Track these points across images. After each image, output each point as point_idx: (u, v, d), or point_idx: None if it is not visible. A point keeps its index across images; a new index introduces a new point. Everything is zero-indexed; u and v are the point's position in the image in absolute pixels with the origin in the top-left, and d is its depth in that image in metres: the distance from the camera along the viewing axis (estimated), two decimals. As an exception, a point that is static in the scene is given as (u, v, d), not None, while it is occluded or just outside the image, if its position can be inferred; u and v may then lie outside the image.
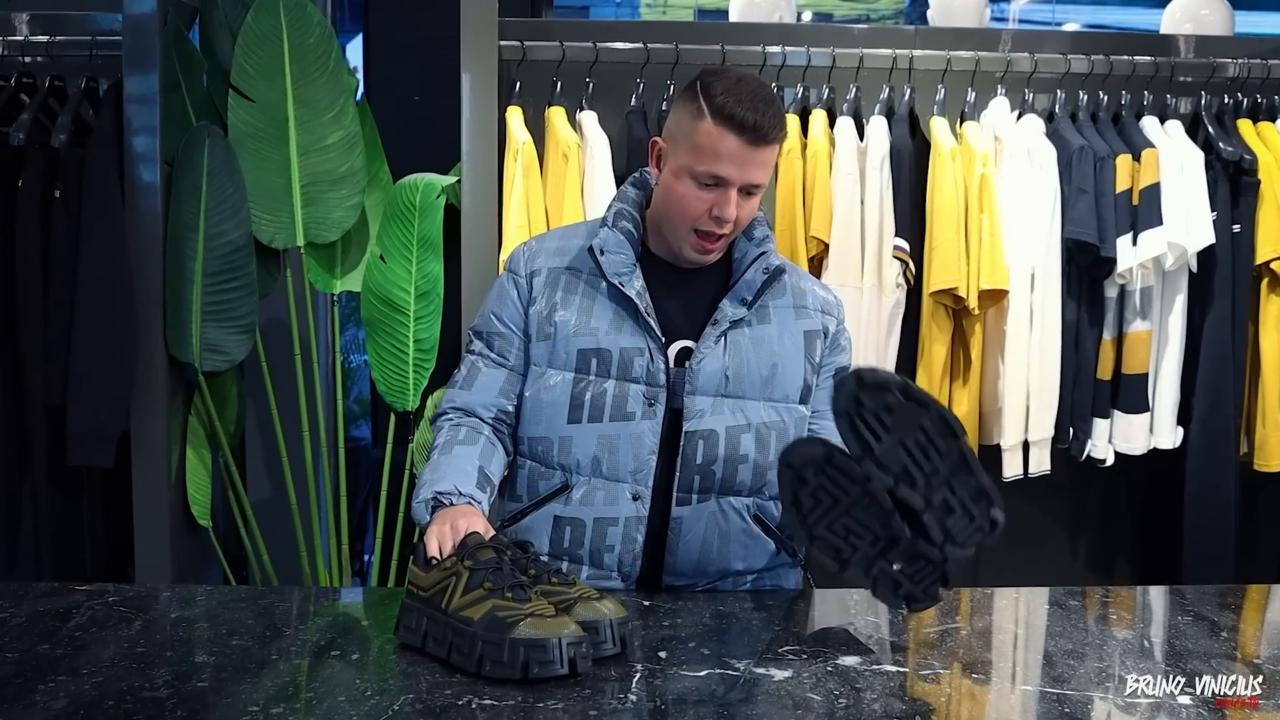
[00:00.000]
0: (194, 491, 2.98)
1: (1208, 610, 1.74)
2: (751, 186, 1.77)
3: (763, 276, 1.85)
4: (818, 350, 1.90)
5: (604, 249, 1.84)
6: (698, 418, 1.82)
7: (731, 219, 1.76)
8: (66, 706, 1.35)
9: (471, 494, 1.73)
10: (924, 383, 2.94)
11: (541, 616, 1.43)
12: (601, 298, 1.85)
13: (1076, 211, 2.91)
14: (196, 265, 2.88)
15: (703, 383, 1.82)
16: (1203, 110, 3.10)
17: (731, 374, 1.83)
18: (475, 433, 1.86)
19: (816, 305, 1.93)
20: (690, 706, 1.36)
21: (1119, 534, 3.46)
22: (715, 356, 1.83)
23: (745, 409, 1.84)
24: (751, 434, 1.84)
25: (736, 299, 1.85)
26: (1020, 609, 1.84)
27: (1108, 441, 3.08)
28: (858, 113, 3.00)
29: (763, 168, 1.76)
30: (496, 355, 1.91)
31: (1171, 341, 3.05)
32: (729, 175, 1.74)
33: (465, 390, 1.91)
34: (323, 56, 3.01)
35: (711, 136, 1.73)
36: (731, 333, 1.84)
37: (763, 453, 1.85)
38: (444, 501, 1.70)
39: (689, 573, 1.87)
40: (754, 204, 1.80)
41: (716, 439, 1.82)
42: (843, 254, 2.88)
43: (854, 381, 1.54)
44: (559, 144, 2.86)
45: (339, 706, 1.36)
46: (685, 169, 1.77)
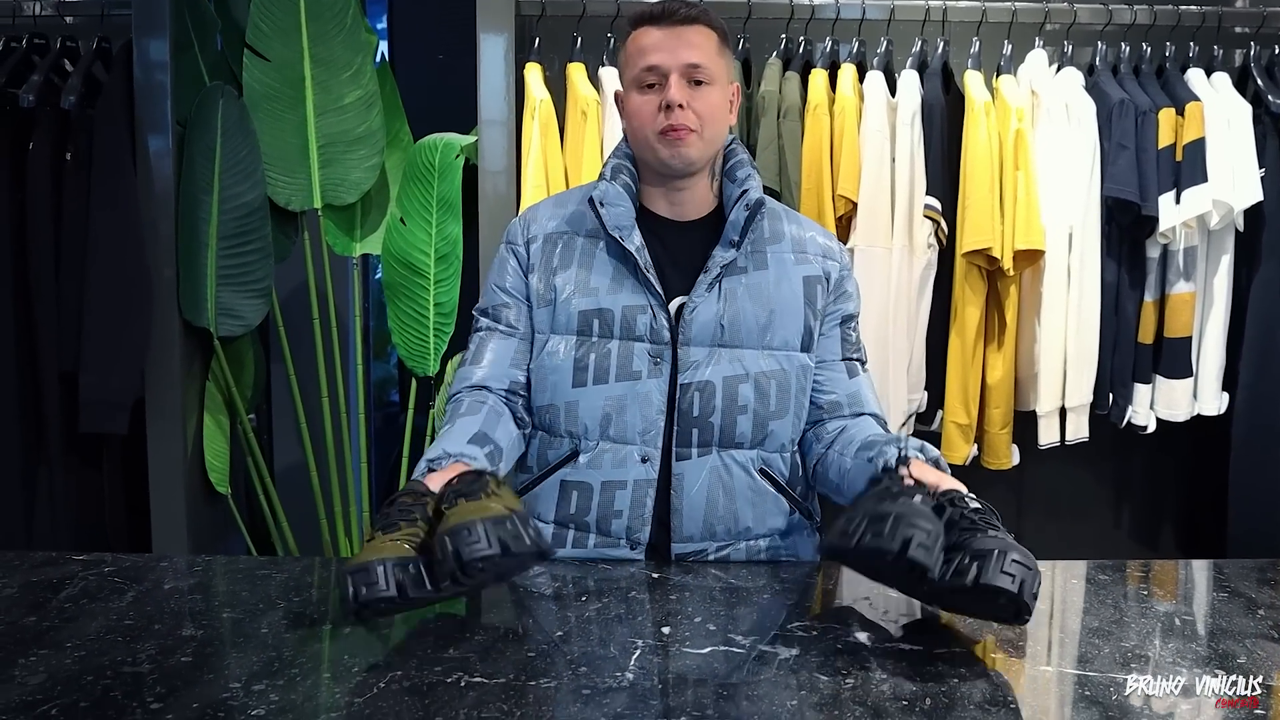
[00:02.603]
0: (212, 459, 2.95)
1: (1245, 586, 1.65)
2: (691, 70, 1.76)
3: (745, 213, 1.80)
4: (818, 296, 1.85)
5: (604, 200, 1.80)
6: (693, 369, 1.78)
7: (678, 101, 1.74)
8: (44, 681, 1.30)
9: (462, 451, 1.68)
10: (957, 347, 2.85)
11: (380, 543, 1.41)
12: (600, 256, 1.83)
13: (1117, 168, 2.80)
14: (211, 228, 2.83)
15: (697, 333, 1.79)
16: (1251, 62, 2.97)
17: (727, 322, 1.79)
18: (478, 404, 1.81)
19: (817, 251, 1.88)
20: (690, 686, 1.29)
21: (1162, 504, 3.36)
22: (709, 305, 1.79)
23: (743, 358, 1.80)
24: (750, 383, 1.79)
25: (725, 242, 1.81)
26: (1049, 584, 1.75)
27: (1149, 408, 2.98)
28: (889, 67, 2.90)
29: (691, 48, 1.76)
30: (505, 326, 1.88)
31: (1217, 304, 2.94)
32: (660, 61, 1.76)
33: (475, 366, 1.87)
34: (340, 14, 2.95)
35: (635, 40, 1.80)
36: (726, 280, 1.80)
37: (763, 403, 1.80)
38: (433, 467, 1.66)
39: (697, 535, 1.81)
40: (711, 95, 1.78)
41: (714, 390, 1.78)
42: (872, 213, 2.78)
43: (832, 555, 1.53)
44: (578, 101, 2.78)
45: (323, 683, 1.31)
46: (631, 83, 1.80)
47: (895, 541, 1.36)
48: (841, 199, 2.77)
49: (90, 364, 2.69)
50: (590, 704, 1.25)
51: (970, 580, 1.34)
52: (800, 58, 2.92)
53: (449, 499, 1.45)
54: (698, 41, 1.77)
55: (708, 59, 1.77)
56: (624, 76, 1.83)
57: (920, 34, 2.93)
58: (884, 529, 1.37)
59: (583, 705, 1.25)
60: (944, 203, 2.80)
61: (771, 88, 2.81)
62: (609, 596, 1.60)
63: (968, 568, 1.35)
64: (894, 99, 2.84)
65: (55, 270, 2.74)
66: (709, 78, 1.77)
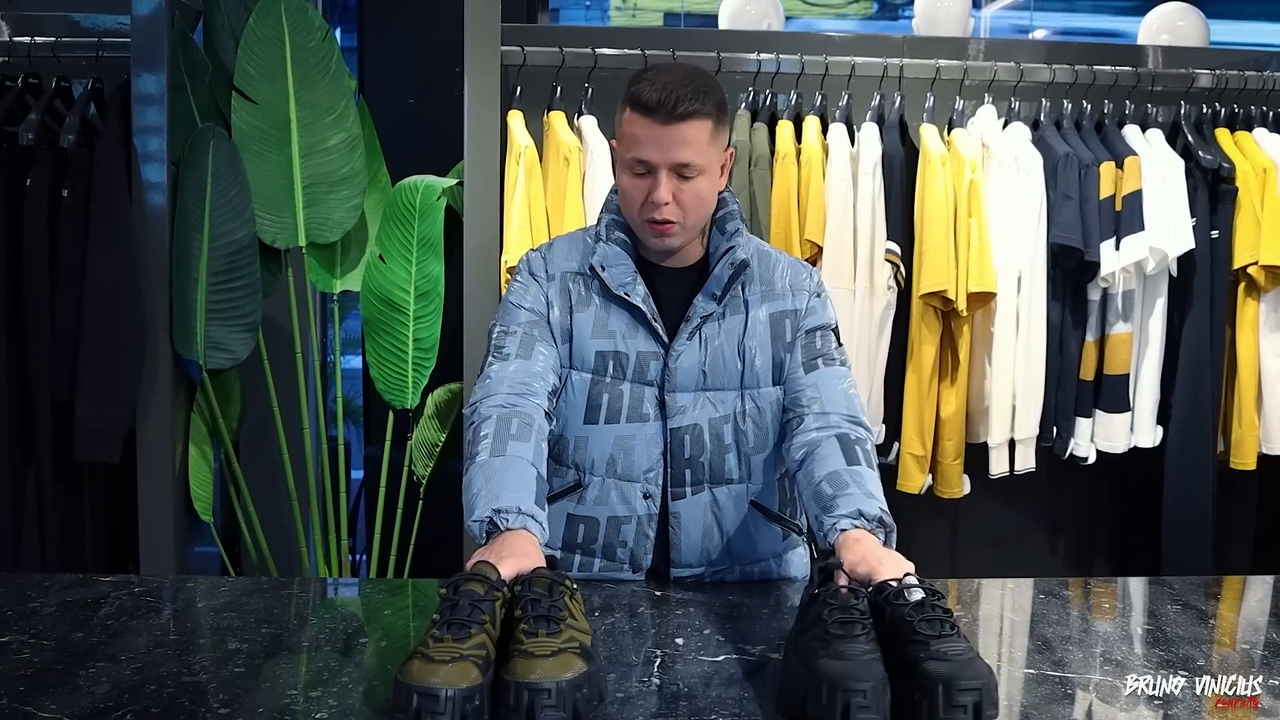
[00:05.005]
0: (196, 488, 3.02)
1: (1195, 599, 1.82)
2: (680, 167, 1.75)
3: (729, 271, 1.85)
4: (786, 330, 1.90)
5: (604, 264, 1.86)
6: (680, 414, 1.87)
7: (663, 201, 1.75)
8: (111, 690, 1.39)
9: (532, 513, 1.60)
10: (913, 383, 3.03)
11: (448, 649, 1.32)
12: (614, 304, 1.88)
13: (1062, 217, 3.00)
14: (201, 264, 2.92)
15: (681, 379, 1.86)
16: (1182, 119, 3.21)
17: (708, 369, 1.86)
18: (526, 427, 1.74)
19: (785, 286, 1.91)
20: (714, 688, 1.43)
21: (1099, 530, 3.55)
22: (691, 353, 1.86)
23: (724, 400, 1.88)
24: (732, 424, 1.88)
25: (708, 294, 1.86)
26: (1013, 599, 1.91)
27: (1090, 440, 3.17)
28: (849, 119, 3.07)
29: (684, 146, 1.74)
30: (536, 332, 1.87)
31: (1152, 343, 3.14)
32: (650, 157, 1.75)
33: (523, 361, 1.83)
34: (324, 59, 3.06)
35: (630, 123, 1.76)
36: (705, 327, 1.86)
37: (744, 440, 1.89)
38: (500, 525, 1.58)
39: (695, 563, 1.93)
40: (698, 187, 1.78)
41: (701, 432, 1.87)
42: (836, 257, 2.95)
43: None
44: (560, 147, 2.92)
45: (375, 690, 1.41)
46: (621, 162, 1.80)
47: (835, 711, 1.29)
48: (808, 243, 2.94)
49: (86, 394, 2.76)
50: (627, 706, 1.38)
51: (924, 718, 1.30)
52: (766, 109, 3.09)
53: (528, 618, 1.39)
54: (691, 138, 1.75)
55: (698, 155, 1.76)
56: (618, 145, 1.82)
57: (879, 88, 3.11)
58: (822, 698, 1.30)
59: (619, 707, 1.37)
60: (903, 247, 2.98)
61: (741, 137, 2.97)
62: (619, 612, 1.72)
63: (919, 704, 1.30)
64: (855, 149, 3.02)
65: (50, 302, 2.81)
66: (698, 171, 1.77)
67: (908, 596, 1.40)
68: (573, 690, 1.30)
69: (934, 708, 1.28)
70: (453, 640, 1.33)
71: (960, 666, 1.30)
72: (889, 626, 1.39)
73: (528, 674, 1.30)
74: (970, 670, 1.30)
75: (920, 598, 1.39)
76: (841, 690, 1.29)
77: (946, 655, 1.32)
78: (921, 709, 1.29)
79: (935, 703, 1.28)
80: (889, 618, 1.39)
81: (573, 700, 1.30)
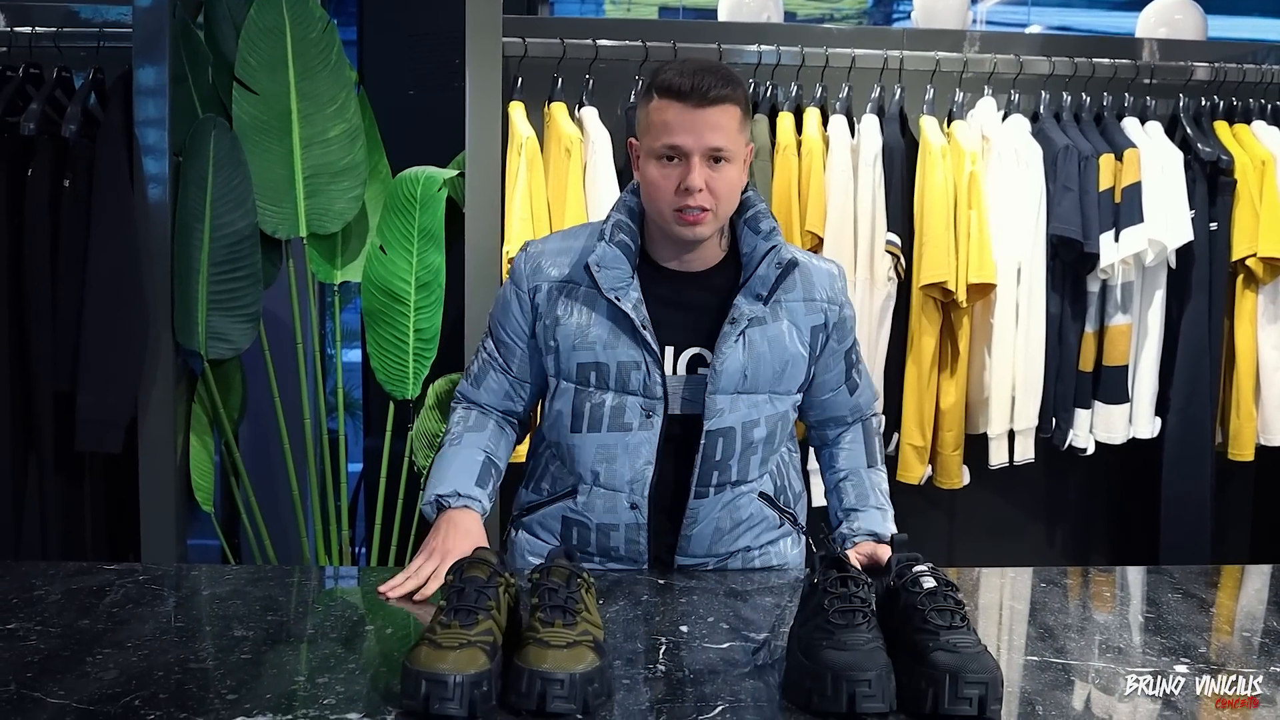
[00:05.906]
0: (197, 478, 3.03)
1: (1195, 588, 1.83)
2: (713, 152, 1.75)
3: (776, 271, 1.83)
4: (819, 344, 1.93)
5: (600, 265, 1.83)
6: (718, 416, 1.85)
7: (698, 186, 1.74)
8: (119, 676, 1.40)
9: (470, 494, 1.86)
10: (913, 374, 3.04)
11: (456, 635, 1.34)
12: (599, 311, 1.85)
13: (1061, 209, 3.01)
14: (203, 255, 2.92)
15: (724, 382, 1.83)
16: (1181, 112, 3.22)
17: (750, 372, 1.85)
18: (483, 417, 1.98)
19: (824, 295, 1.91)
20: (720, 673, 1.44)
21: (1097, 520, 3.57)
22: (736, 355, 1.83)
23: (757, 404, 1.88)
24: (762, 427, 1.89)
25: (751, 295, 1.84)
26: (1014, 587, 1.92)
27: (1089, 431, 3.18)
28: (849, 111, 3.08)
29: (716, 130, 1.74)
30: (501, 362, 1.96)
31: (1151, 335, 3.16)
32: (682, 142, 1.74)
33: (474, 389, 2.01)
34: (324, 50, 3.06)
35: (659, 110, 1.76)
36: (750, 330, 1.84)
37: (769, 444, 1.91)
38: (444, 504, 1.84)
39: (701, 554, 1.94)
40: (729, 174, 1.77)
41: (734, 435, 1.86)
42: (836, 248, 2.96)
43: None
44: (561, 139, 2.92)
45: (381, 675, 1.42)
46: (649, 152, 1.78)
47: (841, 701, 1.31)
48: (809, 234, 2.95)
49: (88, 384, 2.76)
50: (633, 693, 1.39)
51: (928, 709, 1.31)
52: (767, 101, 3.09)
53: (544, 607, 1.40)
54: (723, 123, 1.74)
55: (730, 140, 1.75)
56: (642, 137, 1.81)
57: (879, 80, 3.12)
58: (827, 688, 1.32)
59: (625, 693, 1.38)
60: (903, 239, 2.99)
61: (742, 128, 2.97)
62: (623, 600, 1.73)
63: (924, 693, 1.31)
64: (855, 141, 3.03)
65: (51, 292, 2.81)
66: (730, 156, 1.76)
67: (921, 585, 1.42)
68: (584, 684, 1.32)
69: (939, 698, 1.30)
70: (460, 626, 1.35)
71: (968, 659, 1.32)
72: (901, 612, 1.41)
73: (541, 663, 1.32)
74: (978, 664, 1.32)
75: (933, 586, 1.42)
76: (846, 680, 1.31)
77: (955, 647, 1.33)
78: (927, 698, 1.31)
79: (941, 693, 1.30)
80: (902, 604, 1.42)
81: (584, 693, 1.31)
